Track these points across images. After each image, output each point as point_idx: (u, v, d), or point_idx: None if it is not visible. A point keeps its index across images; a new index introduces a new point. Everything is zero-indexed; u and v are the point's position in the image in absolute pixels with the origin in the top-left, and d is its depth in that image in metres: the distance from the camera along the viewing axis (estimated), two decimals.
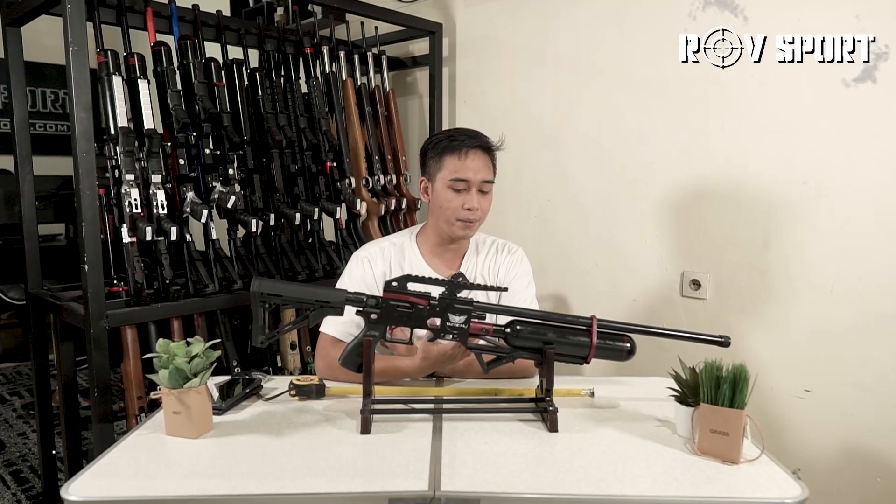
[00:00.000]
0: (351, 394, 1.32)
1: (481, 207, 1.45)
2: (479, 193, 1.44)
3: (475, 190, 1.44)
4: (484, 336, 1.21)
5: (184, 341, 1.15)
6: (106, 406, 1.63)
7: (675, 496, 0.95)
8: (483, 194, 1.46)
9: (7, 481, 2.50)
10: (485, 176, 1.44)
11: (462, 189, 1.43)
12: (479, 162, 1.44)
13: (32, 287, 2.05)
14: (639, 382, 1.44)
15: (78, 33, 1.52)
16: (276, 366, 2.10)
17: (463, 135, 1.47)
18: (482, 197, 1.45)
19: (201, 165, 1.93)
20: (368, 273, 1.50)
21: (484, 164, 1.45)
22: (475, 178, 1.43)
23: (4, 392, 3.49)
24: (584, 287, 2.27)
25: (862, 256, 1.68)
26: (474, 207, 1.43)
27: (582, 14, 2.18)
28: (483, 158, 1.45)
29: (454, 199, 1.44)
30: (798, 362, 1.81)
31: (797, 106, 1.75)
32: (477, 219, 1.46)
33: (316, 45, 2.27)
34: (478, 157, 1.44)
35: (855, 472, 1.73)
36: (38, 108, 4.44)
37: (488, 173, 1.46)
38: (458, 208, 1.44)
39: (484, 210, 1.47)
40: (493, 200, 1.50)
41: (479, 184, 1.44)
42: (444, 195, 1.45)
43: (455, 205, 1.44)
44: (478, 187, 1.44)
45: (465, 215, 1.44)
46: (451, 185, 1.44)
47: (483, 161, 1.45)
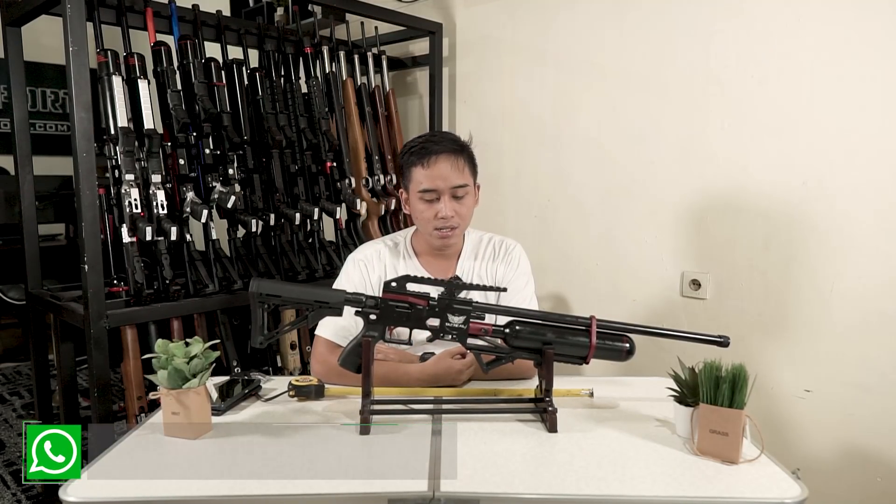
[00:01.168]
0: (350, 394, 1.32)
1: (458, 213, 1.41)
2: (453, 199, 1.40)
3: (446, 197, 1.39)
4: (483, 336, 1.21)
5: (183, 342, 1.15)
6: (106, 406, 1.63)
7: (674, 496, 0.95)
8: (458, 199, 1.41)
9: (7, 481, 2.50)
10: (455, 181, 1.39)
11: (432, 199, 1.40)
12: (446, 168, 1.38)
13: (32, 287, 2.05)
14: (638, 382, 1.44)
15: (78, 33, 1.52)
16: (275, 366, 2.10)
17: (429, 142, 1.41)
18: (457, 202, 1.41)
19: (201, 165, 1.93)
20: (364, 274, 1.50)
21: (453, 169, 1.39)
22: (443, 186, 1.39)
23: (4, 392, 3.49)
24: (584, 287, 2.27)
25: (862, 256, 1.68)
26: (447, 216, 1.39)
27: (582, 14, 2.18)
28: (450, 162, 1.39)
29: (426, 210, 1.41)
30: (798, 362, 1.81)
31: (797, 106, 1.75)
32: (455, 226, 1.42)
33: (316, 45, 2.27)
34: (443, 162, 1.38)
35: (855, 472, 1.73)
36: (38, 108, 4.44)
37: (459, 177, 1.40)
38: (431, 219, 1.41)
39: (462, 215, 1.42)
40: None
41: (449, 190, 1.39)
42: (417, 207, 1.43)
43: (428, 216, 1.41)
44: (449, 194, 1.40)
45: (439, 224, 1.41)
46: (421, 196, 1.40)
47: (451, 165, 1.39)
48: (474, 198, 1.47)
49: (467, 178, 1.43)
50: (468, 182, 1.43)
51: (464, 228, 1.47)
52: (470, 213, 1.46)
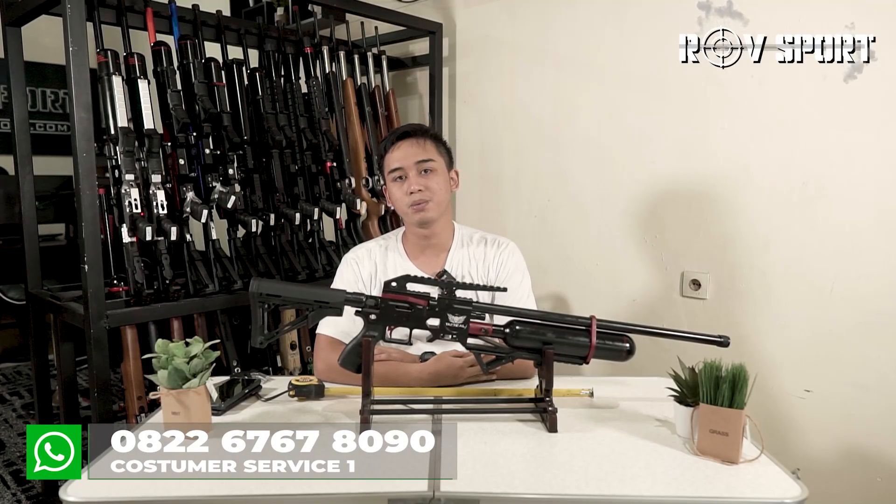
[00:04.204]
0: (350, 394, 1.32)
1: (427, 187, 1.47)
2: (420, 175, 1.47)
3: (413, 173, 1.47)
4: (483, 336, 1.21)
5: (183, 342, 1.15)
6: (106, 406, 1.63)
7: (674, 496, 0.95)
8: (425, 174, 1.47)
9: (7, 481, 2.50)
10: (417, 157, 1.47)
11: (400, 177, 1.48)
12: (408, 148, 1.48)
13: (32, 287, 2.05)
14: (638, 382, 1.44)
15: (78, 33, 1.52)
16: (275, 366, 2.10)
17: (396, 131, 1.52)
18: (425, 177, 1.47)
19: (201, 165, 1.93)
20: (356, 272, 1.54)
21: (415, 148, 1.48)
22: (408, 163, 1.47)
23: (4, 392, 3.49)
24: (584, 287, 2.27)
25: (862, 256, 1.68)
26: (415, 189, 1.46)
27: (582, 14, 2.18)
28: (413, 141, 1.48)
29: (397, 189, 1.49)
30: (798, 362, 1.80)
31: (797, 106, 1.75)
32: (427, 199, 1.47)
33: (316, 45, 2.27)
34: (405, 144, 1.48)
35: (855, 472, 1.73)
36: (38, 108, 4.43)
37: (421, 153, 1.48)
38: (403, 196, 1.48)
39: (431, 189, 1.48)
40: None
41: (414, 166, 1.47)
42: (392, 191, 1.51)
43: (400, 195, 1.49)
44: (415, 170, 1.47)
45: (411, 199, 1.47)
46: (392, 178, 1.50)
47: (412, 145, 1.48)
48: (447, 178, 1.53)
49: (432, 155, 1.50)
50: (433, 158, 1.50)
51: (439, 204, 1.50)
52: (442, 190, 1.50)
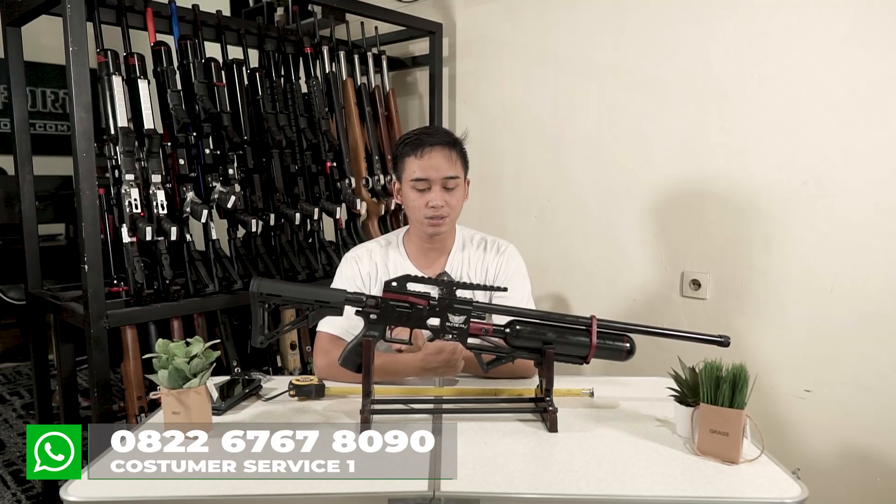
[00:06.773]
0: (350, 394, 1.32)
1: (448, 203, 1.46)
2: (443, 190, 1.45)
3: (438, 187, 1.44)
4: (484, 336, 1.21)
5: (183, 341, 1.15)
6: (106, 406, 1.63)
7: (674, 496, 0.95)
8: (448, 190, 1.46)
9: (7, 481, 2.50)
10: (446, 172, 1.44)
11: (424, 188, 1.45)
12: (439, 159, 1.44)
13: (32, 287, 2.05)
14: (638, 382, 1.44)
15: (78, 33, 1.52)
16: (276, 366, 2.10)
17: (424, 134, 1.47)
18: (448, 193, 1.46)
19: (201, 165, 1.93)
20: (355, 270, 1.54)
21: (445, 161, 1.44)
22: (435, 176, 1.44)
23: (4, 392, 3.49)
24: (584, 287, 2.27)
25: (862, 256, 1.68)
26: (437, 205, 1.44)
27: (582, 14, 2.18)
28: (443, 154, 1.44)
29: (417, 198, 1.46)
30: (798, 362, 1.80)
31: (797, 106, 1.75)
32: (444, 215, 1.46)
33: (316, 45, 2.27)
34: (437, 154, 1.44)
35: (855, 472, 1.73)
36: (38, 108, 4.44)
37: (450, 169, 1.45)
38: (422, 207, 1.45)
39: (451, 205, 1.47)
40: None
41: (440, 181, 1.44)
42: (409, 196, 1.48)
43: (419, 204, 1.46)
44: (441, 184, 1.44)
45: (430, 213, 1.45)
46: (413, 185, 1.45)
47: (443, 157, 1.44)
48: (464, 191, 1.52)
49: (458, 171, 1.47)
50: (459, 174, 1.47)
51: (453, 220, 1.51)
52: (459, 206, 1.50)
